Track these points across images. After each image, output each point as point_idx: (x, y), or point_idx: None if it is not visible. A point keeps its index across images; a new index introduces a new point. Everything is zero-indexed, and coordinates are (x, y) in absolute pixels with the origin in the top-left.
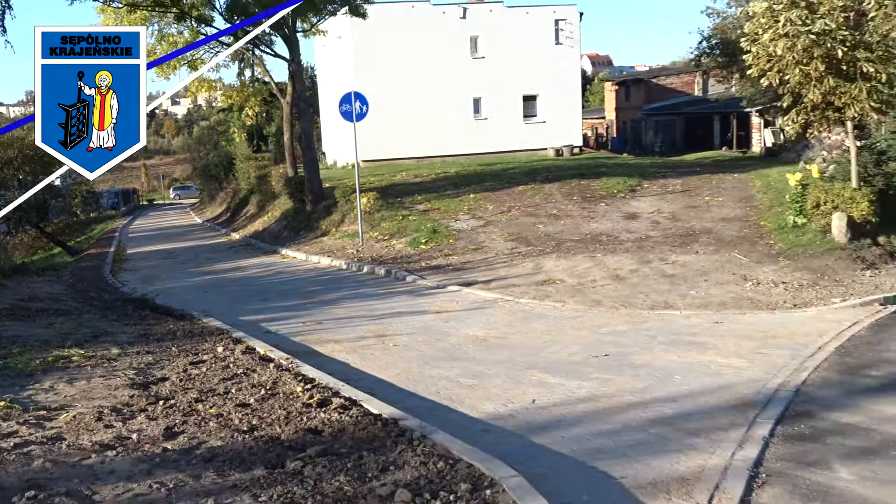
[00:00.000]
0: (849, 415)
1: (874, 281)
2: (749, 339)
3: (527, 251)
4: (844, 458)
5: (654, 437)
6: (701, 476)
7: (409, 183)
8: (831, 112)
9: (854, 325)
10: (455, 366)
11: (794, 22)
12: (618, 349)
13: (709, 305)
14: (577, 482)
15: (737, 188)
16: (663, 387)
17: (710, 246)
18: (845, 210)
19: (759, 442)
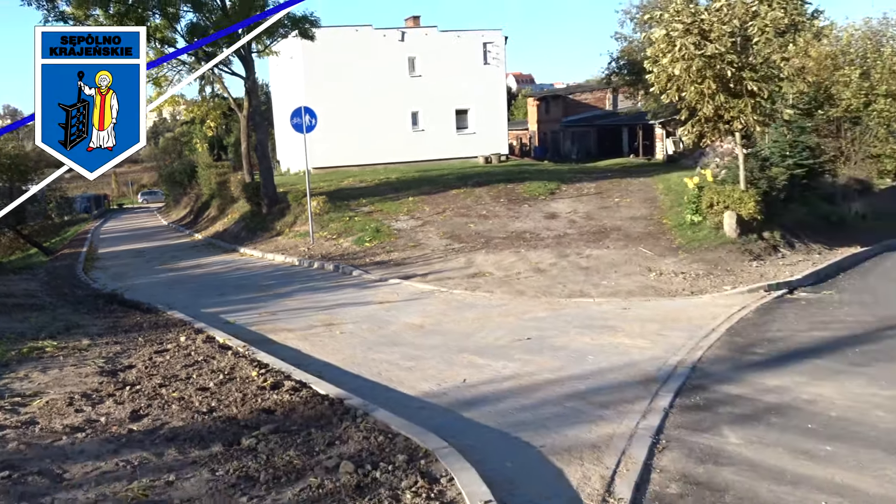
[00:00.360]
0: (737, 387)
1: (760, 270)
2: (652, 323)
3: (459, 247)
4: (732, 424)
5: (570, 409)
6: (610, 443)
7: (354, 188)
8: (722, 124)
9: (743, 309)
10: (395, 350)
11: (688, 47)
12: (539, 333)
13: (618, 294)
14: (502, 451)
15: (642, 191)
16: (578, 365)
17: (620, 241)
18: (735, 209)
19: (660, 412)
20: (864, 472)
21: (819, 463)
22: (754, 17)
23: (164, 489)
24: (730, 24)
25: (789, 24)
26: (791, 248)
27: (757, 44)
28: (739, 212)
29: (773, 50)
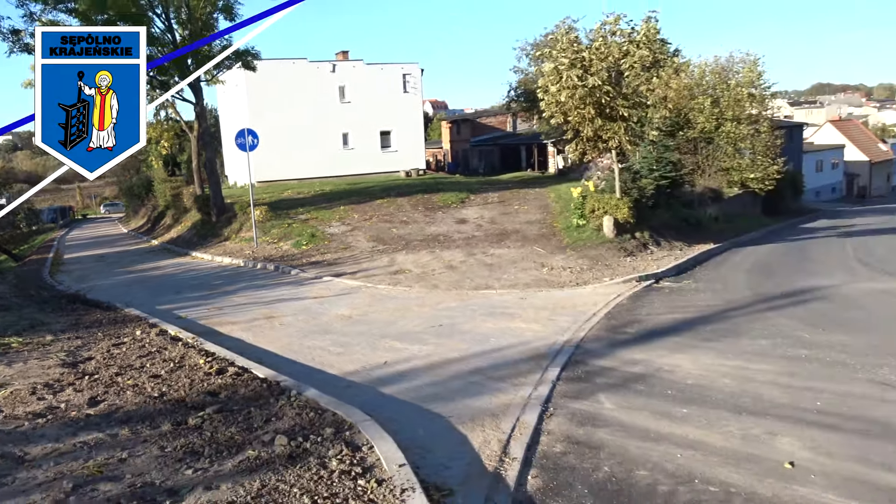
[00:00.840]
0: (611, 361)
1: (633, 264)
2: (544, 310)
3: (383, 249)
4: (607, 392)
5: (473, 384)
6: (507, 411)
7: (293, 198)
8: (600, 143)
9: (618, 296)
10: (327, 338)
11: (573, 79)
12: (450, 320)
13: (517, 286)
14: (415, 421)
15: (537, 199)
16: (481, 347)
17: (518, 242)
18: (612, 214)
19: (549, 384)
20: (712, 430)
21: (677, 423)
22: (626, 55)
23: (118, 465)
24: (606, 60)
25: (653, 61)
26: (658, 245)
27: (628, 77)
28: (616, 216)
29: (641, 82)
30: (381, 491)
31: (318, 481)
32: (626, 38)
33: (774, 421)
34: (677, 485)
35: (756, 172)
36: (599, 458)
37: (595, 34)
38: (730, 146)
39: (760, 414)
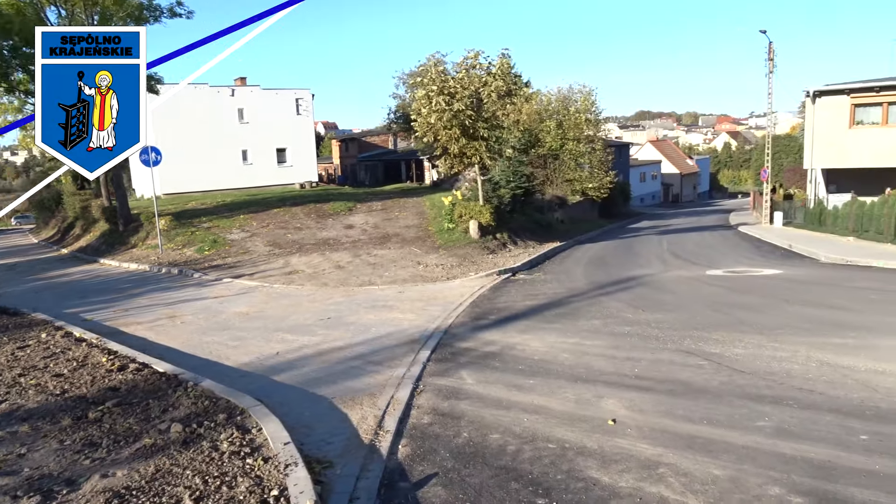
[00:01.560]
0: (473, 343)
1: (494, 260)
2: (419, 301)
3: (279, 252)
4: (469, 369)
5: (355, 368)
6: (383, 390)
7: (197, 209)
8: (465, 159)
9: (481, 288)
10: (225, 333)
11: (441, 104)
12: (337, 314)
13: (396, 282)
14: (302, 403)
15: (414, 207)
16: (363, 335)
17: (398, 244)
18: (477, 218)
19: (420, 364)
20: (553, 396)
21: (525, 392)
22: (485, 85)
23: (16, 461)
24: (468, 89)
25: (507, 90)
26: (515, 244)
27: (487, 103)
28: (480, 220)
29: (498, 108)
30: (267, 467)
31: (210, 462)
32: (485, 70)
33: (602, 386)
34: (523, 444)
35: (593, 183)
36: (460, 426)
37: (459, 67)
38: (572, 161)
39: (591, 381)
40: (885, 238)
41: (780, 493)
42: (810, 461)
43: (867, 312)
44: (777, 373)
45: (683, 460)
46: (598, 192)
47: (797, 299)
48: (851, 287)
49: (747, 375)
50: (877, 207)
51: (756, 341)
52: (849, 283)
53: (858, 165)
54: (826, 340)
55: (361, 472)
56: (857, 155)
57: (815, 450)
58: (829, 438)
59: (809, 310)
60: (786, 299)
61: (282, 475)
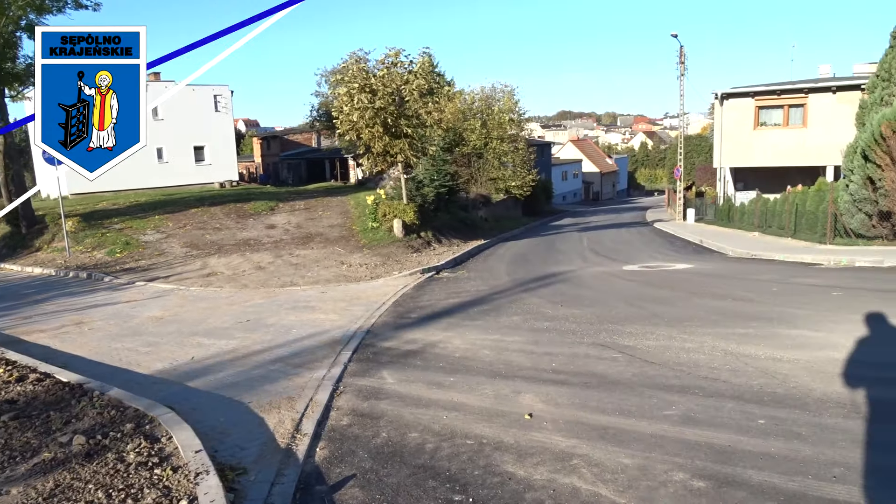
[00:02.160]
0: (396, 342)
1: (418, 259)
2: (342, 301)
3: (197, 253)
4: (390, 369)
5: (274, 371)
6: (302, 393)
7: (108, 209)
8: (389, 157)
9: (405, 287)
10: (137, 339)
11: (363, 101)
12: (256, 316)
13: (319, 282)
14: (218, 410)
15: (338, 206)
16: (284, 337)
17: (322, 244)
18: (401, 217)
19: (341, 365)
20: (472, 393)
21: (445, 390)
22: (406, 83)
23: None
24: (390, 86)
25: (429, 89)
26: (440, 242)
27: (409, 101)
28: (404, 219)
29: (420, 106)
30: (177, 477)
31: (115, 475)
32: (406, 69)
33: (520, 382)
34: (441, 441)
35: (517, 181)
36: (379, 426)
37: (380, 64)
38: (496, 160)
39: (510, 377)
40: (786, 233)
41: (684, 478)
42: (713, 446)
43: (768, 303)
44: (685, 363)
45: (596, 451)
46: (521, 190)
47: (706, 292)
48: (755, 280)
49: (658, 366)
50: (779, 204)
51: (667, 333)
52: (753, 276)
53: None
54: (731, 331)
55: (277, 478)
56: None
57: (717, 435)
58: (730, 424)
59: (716, 302)
60: (695, 292)
61: (192, 484)
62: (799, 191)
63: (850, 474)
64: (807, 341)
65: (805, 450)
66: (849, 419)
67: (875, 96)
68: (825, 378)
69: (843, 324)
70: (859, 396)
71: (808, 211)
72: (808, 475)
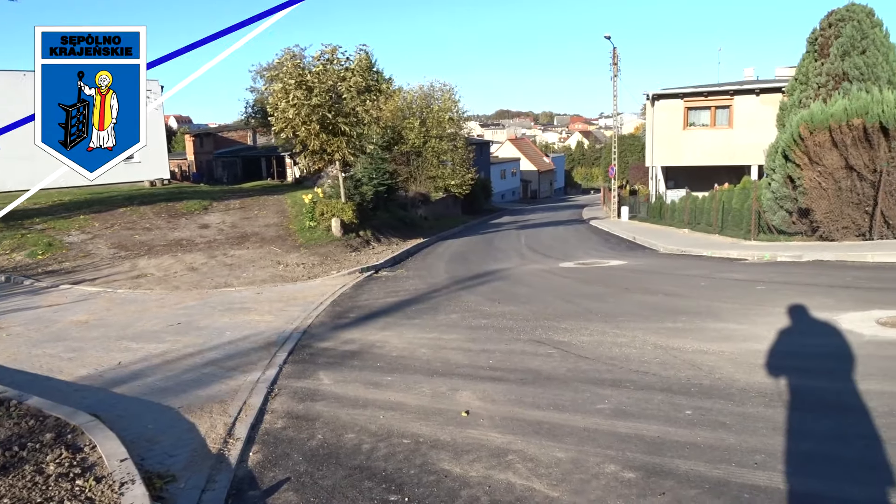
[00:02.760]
0: (333, 342)
1: (357, 258)
2: (278, 302)
3: (126, 255)
4: (327, 370)
5: (206, 375)
6: (235, 397)
7: (28, 209)
8: (326, 156)
9: (343, 286)
10: (59, 345)
11: (299, 98)
12: (188, 318)
13: (254, 282)
14: (146, 416)
15: (275, 205)
16: (217, 340)
17: (257, 243)
18: (339, 216)
19: (276, 367)
20: (409, 392)
21: (382, 389)
22: (343, 80)
23: None
24: (327, 83)
25: (366, 86)
26: (378, 241)
27: (346, 99)
28: (342, 218)
29: (357, 104)
30: (100, 488)
31: (32, 488)
32: (343, 66)
33: (458, 379)
34: (378, 441)
35: (456, 179)
36: (315, 428)
37: (316, 61)
38: (435, 158)
39: (448, 375)
40: (714, 229)
41: (616, 470)
42: (643, 438)
43: (696, 298)
44: (617, 357)
45: (530, 446)
46: (460, 188)
47: (638, 287)
48: (685, 275)
49: (591, 361)
50: (707, 202)
51: (600, 329)
52: (682, 272)
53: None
54: (661, 325)
55: (207, 484)
56: (690, 154)
57: (647, 427)
58: (659, 416)
59: (648, 297)
60: (628, 288)
61: (116, 494)
62: (725, 189)
63: (770, 461)
64: (732, 334)
65: (729, 438)
66: (769, 408)
67: (794, 98)
68: (748, 369)
69: (766, 316)
70: (780, 385)
71: (734, 208)
72: (732, 462)
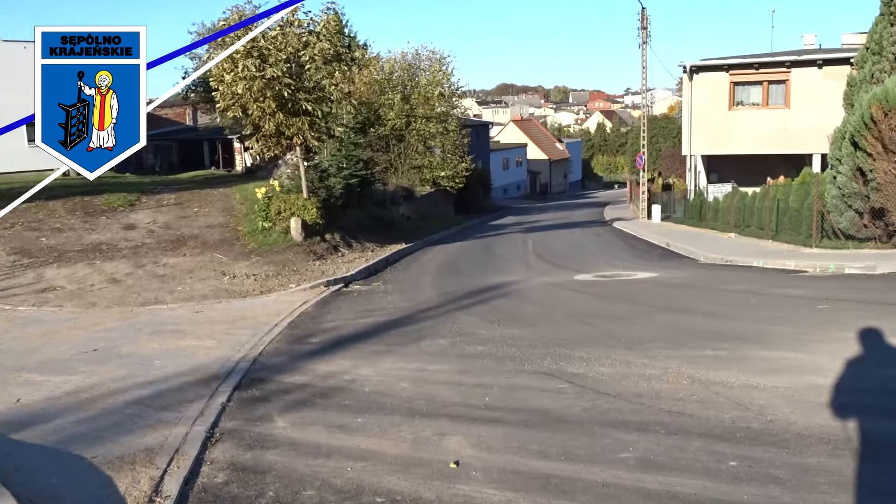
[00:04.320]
0: (290, 375)
1: (321, 268)
2: (222, 323)
3: (29, 263)
4: (283, 410)
5: (129, 416)
6: (165, 444)
7: None
8: (284, 140)
9: (304, 304)
10: None
11: (250, 68)
12: (107, 343)
13: (192, 298)
14: (51, 468)
15: (221, 200)
16: (144, 372)
17: (197, 249)
18: (300, 215)
19: (217, 408)
20: (385, 437)
21: (351, 434)
22: (307, 47)
23: None
24: (285, 51)
25: (335, 54)
26: (349, 247)
27: (309, 70)
28: (304, 217)
29: (324, 76)
30: None
31: None
32: (306, 28)
33: (445, 421)
34: (344, 500)
35: (447, 170)
36: (265, 483)
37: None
38: (420, 144)
39: (433, 416)
40: (766, 234)
41: None
42: (676, 496)
43: (743, 319)
44: (645, 394)
45: None
46: (452, 181)
47: (672, 306)
48: (730, 291)
49: (612, 398)
50: (758, 200)
51: (624, 357)
52: (727, 287)
53: (739, 152)
54: (699, 353)
55: None
56: (737, 140)
57: (682, 482)
58: (696, 468)
59: (684, 318)
60: (659, 307)
61: None
62: (781, 184)
63: None
64: (787, 364)
65: (783, 496)
66: (834, 457)
67: (864, 72)
68: (807, 408)
69: (830, 343)
70: (847, 430)
71: (792, 208)
72: None
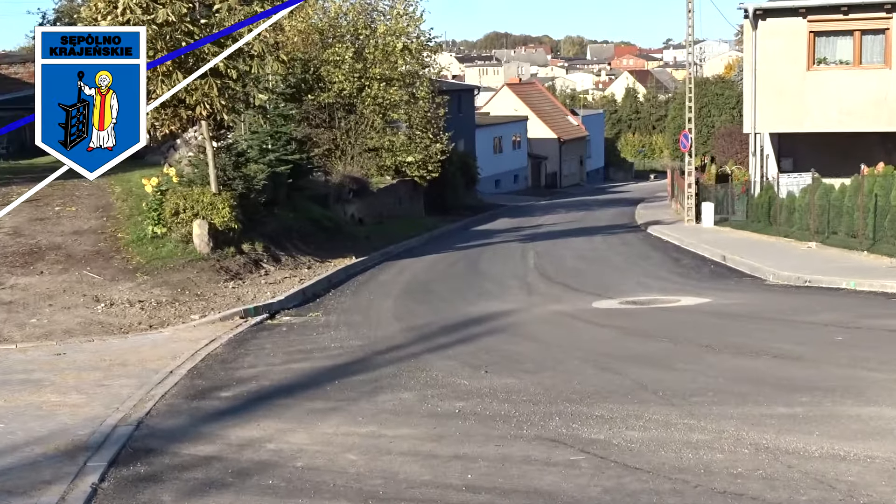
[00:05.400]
0: (192, 445)
1: (237, 292)
2: (94, 371)
3: None
4: (180, 496)
5: None
6: None
7: None
8: (183, 110)
9: (212, 342)
10: None
11: (134, 10)
12: None
13: (52, 335)
14: None
15: (94, 196)
16: None
17: (59, 264)
18: (207, 217)
19: (86, 491)
20: None
21: None
22: None
23: None
24: None
25: None
26: (276, 262)
27: (220, 11)
28: (212, 220)
29: (239, 20)
30: None
31: None
32: None
33: None
34: None
35: (414, 154)
36: None
37: None
38: (378, 117)
39: (392, 500)
40: (860, 243)
41: None
42: None
43: (827, 362)
44: (691, 468)
45: None
46: (422, 169)
47: (727, 345)
48: (809, 323)
49: (645, 475)
50: (848, 196)
51: (662, 417)
52: (805, 317)
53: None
54: (766, 411)
55: None
56: (819, 112)
57: None
58: None
59: (745, 361)
60: (711, 346)
61: None
62: (880, 174)
63: None
64: (886, 426)
65: None
66: None
67: None
68: None
69: None
70: None
71: (894, 207)
72: None
